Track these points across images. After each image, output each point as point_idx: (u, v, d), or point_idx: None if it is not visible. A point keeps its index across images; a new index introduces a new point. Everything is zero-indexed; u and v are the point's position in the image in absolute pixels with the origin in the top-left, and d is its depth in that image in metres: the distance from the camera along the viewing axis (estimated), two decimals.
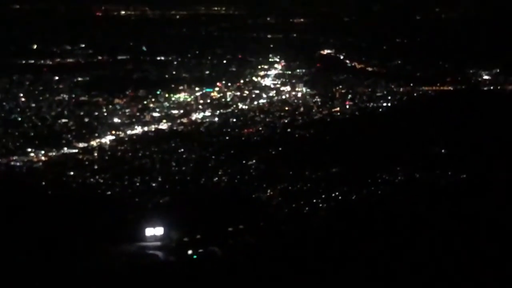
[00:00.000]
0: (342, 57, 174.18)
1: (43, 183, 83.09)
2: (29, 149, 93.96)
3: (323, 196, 79.49)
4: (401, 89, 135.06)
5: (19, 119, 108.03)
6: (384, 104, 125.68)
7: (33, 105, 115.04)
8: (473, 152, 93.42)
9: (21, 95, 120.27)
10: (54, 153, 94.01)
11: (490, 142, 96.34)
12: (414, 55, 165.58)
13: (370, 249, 63.06)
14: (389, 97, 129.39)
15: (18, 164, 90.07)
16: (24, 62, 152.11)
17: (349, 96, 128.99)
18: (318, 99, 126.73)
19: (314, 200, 78.46)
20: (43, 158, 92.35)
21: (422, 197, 78.39)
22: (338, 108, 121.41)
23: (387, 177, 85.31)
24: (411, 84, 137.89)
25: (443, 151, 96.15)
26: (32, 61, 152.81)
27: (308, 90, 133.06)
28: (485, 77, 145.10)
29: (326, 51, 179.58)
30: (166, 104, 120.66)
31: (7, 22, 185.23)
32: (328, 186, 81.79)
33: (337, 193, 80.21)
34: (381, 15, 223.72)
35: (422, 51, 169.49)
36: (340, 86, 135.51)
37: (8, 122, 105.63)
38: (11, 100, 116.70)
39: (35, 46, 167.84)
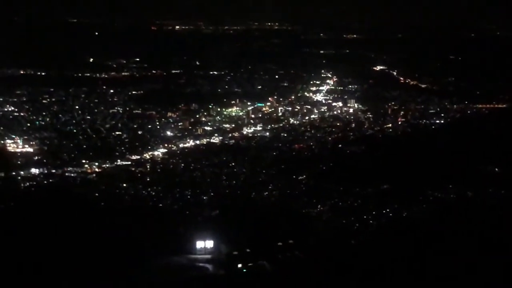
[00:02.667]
0: (395, 73, 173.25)
1: (96, 194, 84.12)
2: (84, 161, 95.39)
3: (374, 212, 78.93)
4: (454, 106, 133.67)
5: (74, 131, 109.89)
6: (437, 121, 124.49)
7: (88, 117, 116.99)
8: None
9: (77, 107, 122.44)
10: (107, 165, 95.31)
11: None
12: (467, 72, 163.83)
13: (420, 267, 62.50)
14: (442, 114, 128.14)
15: (72, 175, 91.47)
16: (80, 75, 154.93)
17: (402, 112, 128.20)
18: (370, 115, 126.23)
19: (364, 217, 77.95)
20: (96, 169, 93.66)
21: (474, 216, 77.23)
22: (390, 125, 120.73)
23: (439, 195, 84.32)
24: (465, 102, 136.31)
25: (496, 169, 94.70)
26: (88, 74, 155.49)
27: (360, 106, 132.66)
28: None
29: (378, 67, 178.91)
30: (218, 118, 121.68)
31: (64, 35, 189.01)
32: (379, 203, 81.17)
33: (387, 210, 79.57)
34: (435, 32, 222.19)
35: (476, 68, 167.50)
36: (393, 103, 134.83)
37: (63, 134, 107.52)
38: (67, 112, 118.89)
39: (91, 60, 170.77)
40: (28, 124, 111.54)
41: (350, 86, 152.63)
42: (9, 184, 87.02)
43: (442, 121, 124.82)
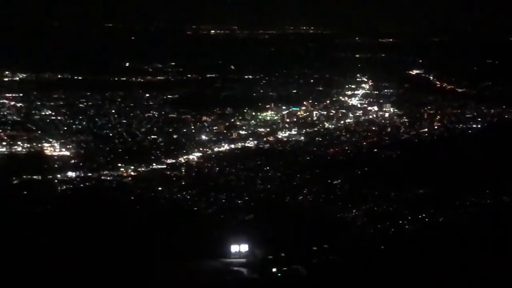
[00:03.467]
0: (431, 78, 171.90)
1: (132, 197, 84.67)
2: (119, 164, 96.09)
3: (409, 217, 78.31)
4: (492, 111, 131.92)
5: (110, 134, 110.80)
6: (474, 126, 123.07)
7: (124, 121, 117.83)
8: None
9: (113, 111, 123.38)
10: (143, 169, 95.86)
11: None
12: (505, 76, 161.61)
13: (456, 273, 61.81)
14: (479, 119, 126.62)
15: (108, 178, 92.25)
16: (116, 79, 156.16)
17: (438, 117, 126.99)
18: (406, 120, 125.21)
19: (400, 222, 77.38)
20: (132, 173, 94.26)
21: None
22: (426, 129, 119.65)
23: (475, 200, 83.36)
24: (502, 106, 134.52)
25: None
26: (124, 79, 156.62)
27: (396, 110, 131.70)
28: None
29: (414, 71, 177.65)
30: (253, 122, 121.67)
31: (100, 40, 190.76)
32: (415, 208, 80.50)
33: (423, 215, 78.89)
34: (471, 35, 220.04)
35: None
36: (429, 107, 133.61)
37: (99, 138, 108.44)
38: (103, 116, 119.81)
39: (127, 64, 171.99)
40: (65, 128, 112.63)
41: (385, 90, 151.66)
42: (46, 187, 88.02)
43: (479, 126, 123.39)
